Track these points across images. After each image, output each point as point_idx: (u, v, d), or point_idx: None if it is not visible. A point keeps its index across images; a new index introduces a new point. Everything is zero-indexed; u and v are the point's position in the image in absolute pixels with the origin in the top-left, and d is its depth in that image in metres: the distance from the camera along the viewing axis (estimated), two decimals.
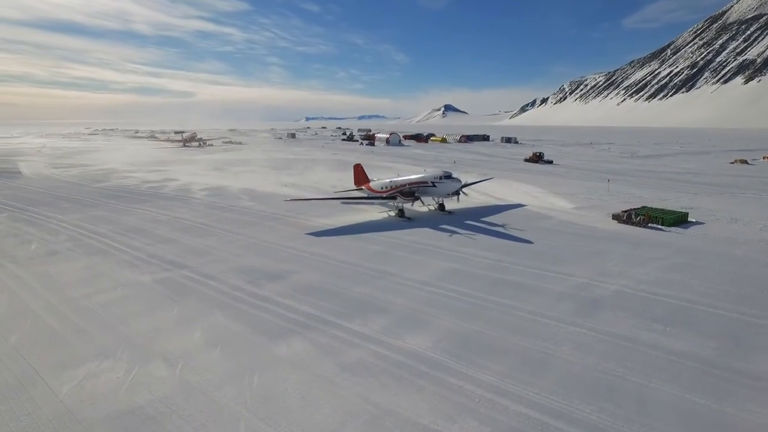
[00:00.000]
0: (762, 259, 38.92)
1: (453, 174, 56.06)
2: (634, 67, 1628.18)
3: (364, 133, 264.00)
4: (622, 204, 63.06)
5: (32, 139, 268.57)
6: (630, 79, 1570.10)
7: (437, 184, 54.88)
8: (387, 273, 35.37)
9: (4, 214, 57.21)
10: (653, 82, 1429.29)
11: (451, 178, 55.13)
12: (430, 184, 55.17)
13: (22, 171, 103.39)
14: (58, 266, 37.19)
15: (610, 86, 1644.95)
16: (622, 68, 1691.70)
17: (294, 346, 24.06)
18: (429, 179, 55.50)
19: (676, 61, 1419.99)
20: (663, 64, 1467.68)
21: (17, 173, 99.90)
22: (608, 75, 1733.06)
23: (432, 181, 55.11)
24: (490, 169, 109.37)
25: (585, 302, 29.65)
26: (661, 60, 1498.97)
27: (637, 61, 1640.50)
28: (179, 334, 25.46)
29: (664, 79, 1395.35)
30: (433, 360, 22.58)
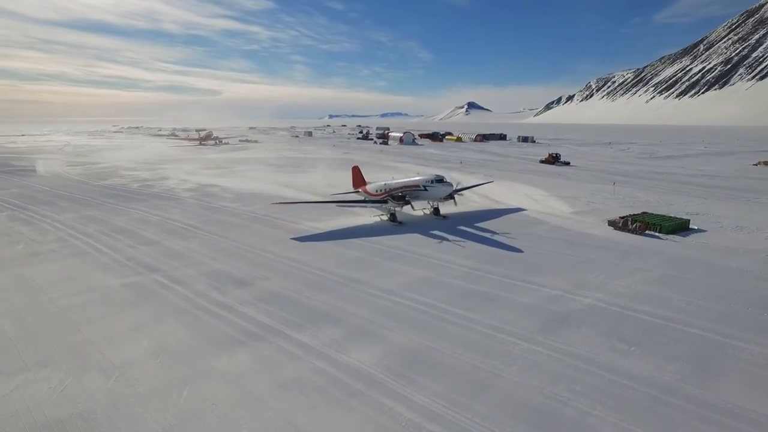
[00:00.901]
0: (758, 271, 36.65)
1: (445, 178, 54.38)
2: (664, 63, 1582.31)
3: (381, 132, 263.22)
4: (625, 209, 60.67)
5: (59, 136, 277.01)
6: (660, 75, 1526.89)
7: (428, 188, 53.29)
8: (356, 281, 34.59)
9: (5, 213, 58.54)
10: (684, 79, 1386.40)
11: (443, 182, 53.48)
12: (422, 188, 53.60)
13: (38, 169, 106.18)
14: (36, 268, 37.62)
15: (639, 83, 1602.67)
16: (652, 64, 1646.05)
17: (236, 358, 23.54)
18: (420, 183, 53.96)
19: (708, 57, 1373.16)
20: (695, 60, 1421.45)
21: (32, 171, 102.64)
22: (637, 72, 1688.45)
23: (423, 185, 53.54)
24: (498, 170, 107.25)
25: (552, 317, 28.28)
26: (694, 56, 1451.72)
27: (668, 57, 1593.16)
28: (127, 342, 25.24)
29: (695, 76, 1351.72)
30: (372, 378, 21.72)
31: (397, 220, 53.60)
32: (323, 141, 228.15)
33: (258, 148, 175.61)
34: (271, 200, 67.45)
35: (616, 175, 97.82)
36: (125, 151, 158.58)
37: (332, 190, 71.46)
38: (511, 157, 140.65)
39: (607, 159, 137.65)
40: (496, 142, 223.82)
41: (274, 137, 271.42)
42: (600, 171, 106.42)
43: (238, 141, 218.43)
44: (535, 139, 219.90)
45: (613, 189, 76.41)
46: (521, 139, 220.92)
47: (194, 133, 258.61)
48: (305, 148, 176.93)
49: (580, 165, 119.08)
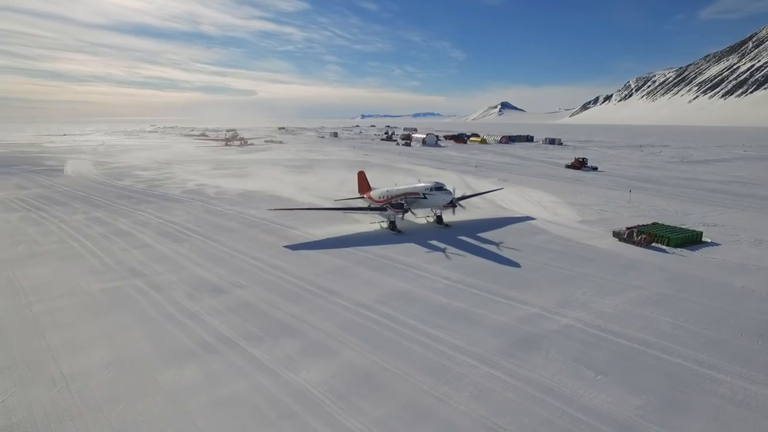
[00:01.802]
0: (764, 292, 33.89)
1: (445, 186, 52.35)
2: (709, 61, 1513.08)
3: (406, 133, 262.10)
4: (637, 218, 57.72)
5: (98, 136, 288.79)
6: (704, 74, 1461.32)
7: (428, 195, 51.48)
8: (331, 292, 33.92)
9: (20, 213, 60.80)
10: (731, 78, 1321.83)
11: (442, 190, 51.47)
12: (421, 195, 51.90)
13: (66, 169, 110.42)
14: (28, 270, 38.65)
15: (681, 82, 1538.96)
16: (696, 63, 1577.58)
17: (183, 372, 23.23)
18: (420, 190, 52.26)
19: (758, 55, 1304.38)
20: (743, 58, 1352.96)
21: (60, 171, 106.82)
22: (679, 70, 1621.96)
23: (423, 193, 51.81)
24: (515, 174, 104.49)
25: (522, 338, 26.81)
26: (742, 53, 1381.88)
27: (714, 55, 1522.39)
28: (85, 351, 25.35)
29: (743, 75, 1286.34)
30: (312, 399, 20.98)
31: (397, 228, 51.91)
32: (347, 142, 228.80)
33: (280, 149, 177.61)
34: (277, 203, 67.75)
35: (640, 181, 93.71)
36: (151, 152, 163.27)
37: (339, 194, 71.06)
38: (533, 161, 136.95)
39: (634, 163, 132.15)
40: (522, 144, 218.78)
41: (300, 138, 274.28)
42: (623, 176, 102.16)
43: (264, 142, 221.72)
44: (562, 142, 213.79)
45: (629, 196, 72.92)
46: (547, 141, 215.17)
47: (224, 133, 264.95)
48: (327, 149, 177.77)
49: (604, 169, 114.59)
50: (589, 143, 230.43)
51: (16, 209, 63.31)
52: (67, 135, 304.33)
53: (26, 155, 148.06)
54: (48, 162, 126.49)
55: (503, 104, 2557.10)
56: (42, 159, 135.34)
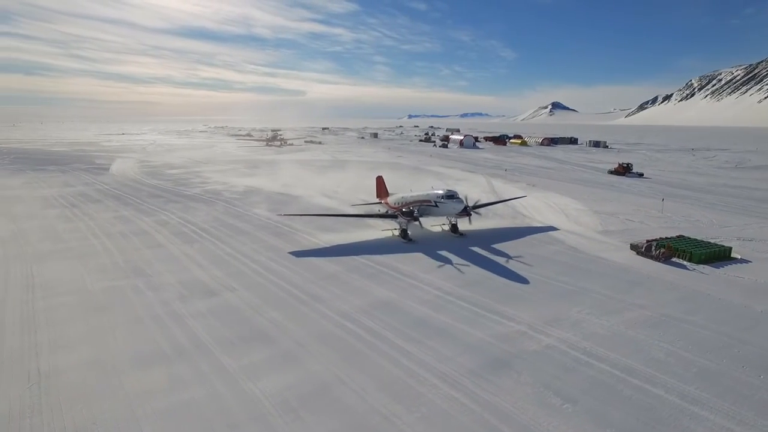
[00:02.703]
0: None
1: (457, 194, 50.38)
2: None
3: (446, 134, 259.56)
4: (664, 229, 54.23)
5: (151, 135, 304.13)
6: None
7: (439, 203, 49.78)
8: (317, 299, 33.90)
9: (57, 210, 64.77)
10: None
11: (454, 198, 49.60)
12: (433, 203, 50.28)
13: (111, 167, 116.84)
14: (44, 266, 41.01)
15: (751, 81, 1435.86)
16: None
17: (150, 375, 23.80)
18: (432, 198, 50.69)
19: None
20: None
21: (106, 169, 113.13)
22: (749, 68, 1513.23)
23: (435, 201, 50.18)
24: (547, 178, 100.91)
25: (496, 358, 25.66)
26: None
27: None
28: (68, 349, 26.48)
29: None
30: (261, 411, 20.94)
31: (408, 237, 50.19)
32: (385, 143, 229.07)
33: (317, 150, 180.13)
34: (295, 204, 68.73)
35: (681, 188, 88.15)
36: (193, 152, 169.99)
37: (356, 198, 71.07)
38: (571, 165, 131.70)
39: (681, 168, 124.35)
40: (565, 146, 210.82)
41: (340, 138, 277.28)
42: (664, 183, 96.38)
43: (303, 142, 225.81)
44: (607, 144, 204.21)
45: (661, 205, 68.60)
46: (592, 144, 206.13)
47: (269, 133, 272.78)
48: (363, 151, 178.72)
49: (647, 174, 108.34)
50: (638, 146, 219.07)
51: (55, 206, 67.48)
52: (125, 134, 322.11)
53: (83, 154, 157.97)
54: (98, 161, 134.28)
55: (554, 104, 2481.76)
56: (94, 158, 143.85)
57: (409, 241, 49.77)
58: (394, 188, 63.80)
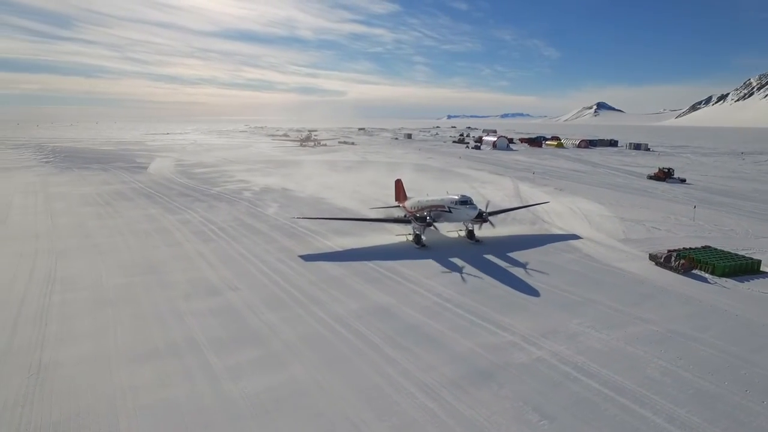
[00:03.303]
0: None
1: (471, 200, 48.77)
2: None
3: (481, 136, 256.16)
4: (692, 239, 51.55)
5: (194, 135, 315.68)
6: None
7: (453, 209, 48.49)
8: (316, 302, 34.27)
9: (92, 208, 68.21)
10: None
11: (467, 204, 48.09)
12: (447, 209, 49.08)
13: (150, 167, 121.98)
14: (68, 262, 43.32)
15: None
16: None
17: (140, 371, 24.73)
18: (446, 204, 49.38)
19: None
20: None
21: (144, 168, 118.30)
22: None
23: (448, 206, 48.91)
24: (576, 182, 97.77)
25: (481, 369, 25.16)
26: None
27: None
28: (72, 343, 27.88)
29: None
30: (237, 411, 21.41)
31: (422, 242, 49.36)
32: (418, 144, 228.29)
33: (348, 151, 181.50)
34: (313, 206, 69.68)
35: (722, 195, 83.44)
36: (229, 151, 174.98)
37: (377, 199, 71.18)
38: (606, 168, 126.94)
39: (725, 173, 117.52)
40: (603, 149, 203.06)
41: (374, 139, 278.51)
42: (704, 189, 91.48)
43: (337, 143, 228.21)
44: (649, 147, 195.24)
45: (693, 213, 65.14)
46: (632, 147, 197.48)
47: (304, 134, 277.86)
48: (393, 152, 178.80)
49: (694, 180, 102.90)
50: (684, 149, 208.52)
51: (91, 204, 71.14)
52: (170, 134, 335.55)
53: (126, 153, 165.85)
54: (139, 159, 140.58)
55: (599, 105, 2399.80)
56: (136, 156, 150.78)
57: (422, 246, 48.90)
58: (418, 191, 63.61)
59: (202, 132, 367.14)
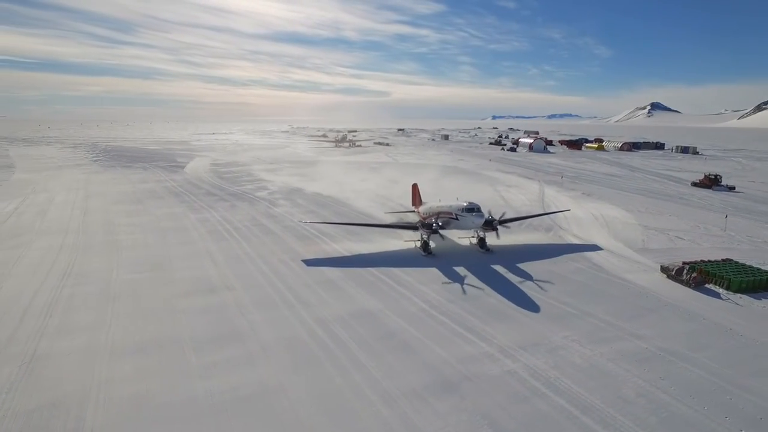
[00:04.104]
0: None
1: (478, 207, 46.75)
2: None
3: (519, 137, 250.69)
4: (716, 250, 48.66)
5: (238, 135, 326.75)
6: None
7: (460, 217, 47.04)
8: (305, 303, 34.87)
9: (123, 206, 71.94)
10: None
11: (474, 212, 46.18)
12: (454, 216, 47.67)
13: (187, 166, 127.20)
14: (86, 257, 45.98)
15: None
16: None
17: (121, 367, 26.06)
18: (453, 210, 48.00)
19: None
20: None
21: (182, 167, 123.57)
22: None
23: (456, 213, 47.48)
24: (607, 188, 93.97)
25: (447, 379, 24.86)
26: None
27: None
28: (68, 335, 29.67)
29: None
30: (197, 409, 22.20)
31: (429, 250, 47.78)
32: (453, 146, 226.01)
33: (381, 152, 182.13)
34: (331, 207, 70.68)
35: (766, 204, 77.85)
36: (266, 151, 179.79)
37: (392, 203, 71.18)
38: (644, 173, 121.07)
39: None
40: (648, 152, 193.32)
41: (411, 140, 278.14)
42: (750, 197, 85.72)
43: (372, 144, 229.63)
44: (698, 150, 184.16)
45: (724, 222, 61.21)
46: (679, 150, 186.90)
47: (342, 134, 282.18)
48: (426, 153, 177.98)
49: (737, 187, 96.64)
50: (737, 153, 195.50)
51: (124, 202, 75.10)
52: (215, 134, 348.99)
53: (169, 152, 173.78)
54: (179, 159, 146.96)
55: (653, 105, 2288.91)
56: (177, 156, 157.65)
57: (428, 254, 47.52)
58: (435, 195, 62.94)
59: (246, 132, 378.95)
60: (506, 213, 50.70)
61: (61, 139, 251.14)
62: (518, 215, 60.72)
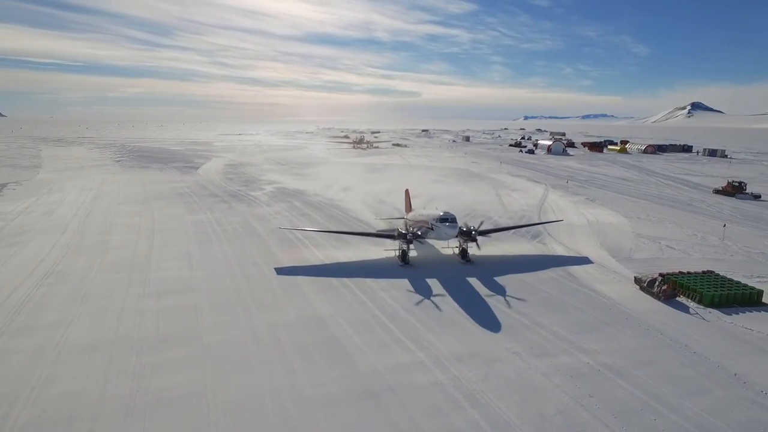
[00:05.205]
0: (763, 387, 25.30)
1: (452, 218, 45.04)
2: None
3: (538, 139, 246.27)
4: (705, 261, 46.94)
5: (262, 136, 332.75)
6: None
7: (434, 226, 45.33)
8: (261, 307, 35.56)
9: (130, 207, 74.50)
10: None
11: (447, 221, 44.51)
12: (429, 225, 46.18)
13: (201, 167, 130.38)
14: (75, 255, 48.12)
15: None
16: None
17: (66, 365, 27.28)
18: (429, 220, 46.52)
19: None
20: None
21: (196, 169, 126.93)
22: None
23: (431, 223, 45.87)
24: (617, 192, 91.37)
25: (369, 389, 24.92)
26: None
27: None
28: (26, 334, 31.24)
29: None
30: (123, 407, 23.04)
31: (407, 260, 46.38)
32: (471, 148, 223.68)
33: (396, 154, 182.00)
34: (324, 210, 71.44)
35: None
36: (282, 153, 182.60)
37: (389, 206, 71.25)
38: (660, 178, 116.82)
39: None
40: (672, 155, 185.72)
41: (432, 142, 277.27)
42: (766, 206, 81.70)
43: (390, 145, 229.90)
44: (726, 154, 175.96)
45: (722, 232, 58.64)
46: (707, 153, 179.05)
47: (360, 135, 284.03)
48: (441, 155, 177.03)
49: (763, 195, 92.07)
50: None
51: (129, 202, 77.79)
52: (241, 134, 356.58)
53: (190, 153, 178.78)
54: (197, 159, 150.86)
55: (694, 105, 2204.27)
56: (196, 156, 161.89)
57: (405, 263, 46.26)
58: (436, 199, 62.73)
59: (271, 133, 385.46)
60: (483, 223, 48.72)
61: (93, 140, 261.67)
62: (499, 225, 59.41)
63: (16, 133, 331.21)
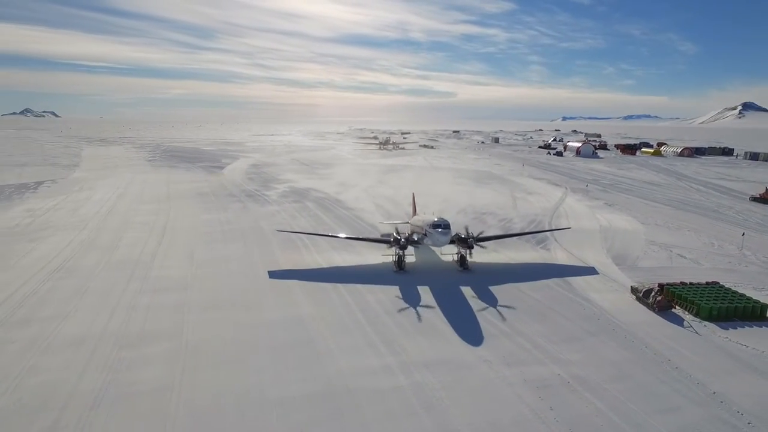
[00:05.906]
0: (742, 410, 24.04)
1: (445, 224, 44.07)
2: None
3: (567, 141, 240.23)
4: (716, 272, 44.96)
5: (293, 136, 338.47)
6: None
7: (428, 233, 44.59)
8: (247, 308, 36.45)
9: (151, 206, 77.49)
10: None
11: (440, 228, 43.62)
12: (423, 232, 45.82)
13: (226, 167, 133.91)
14: (87, 252, 50.54)
15: None
16: None
17: (53, 356, 28.81)
18: (424, 226, 45.97)
19: None
20: None
21: (221, 168, 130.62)
22: None
23: (425, 230, 45.41)
24: (639, 198, 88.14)
25: (329, 392, 25.23)
26: None
27: None
28: (21, 327, 33.16)
29: None
30: (87, 399, 24.17)
31: (402, 266, 45.59)
32: (500, 149, 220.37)
33: (421, 155, 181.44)
34: (331, 212, 72.21)
35: None
36: (309, 153, 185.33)
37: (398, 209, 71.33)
38: (691, 182, 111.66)
39: None
40: (710, 158, 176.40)
41: (460, 143, 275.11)
42: None
43: (417, 146, 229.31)
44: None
45: (741, 240, 55.59)
46: (749, 156, 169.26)
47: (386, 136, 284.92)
48: (466, 157, 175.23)
49: None
50: None
51: (152, 202, 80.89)
52: (274, 135, 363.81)
53: (220, 152, 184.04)
54: (224, 159, 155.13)
55: (745, 105, 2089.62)
56: (225, 156, 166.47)
57: (400, 269, 45.55)
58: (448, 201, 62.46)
59: (303, 134, 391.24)
60: (484, 231, 47.99)
61: (133, 140, 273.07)
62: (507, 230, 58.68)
63: (65, 134, 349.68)
